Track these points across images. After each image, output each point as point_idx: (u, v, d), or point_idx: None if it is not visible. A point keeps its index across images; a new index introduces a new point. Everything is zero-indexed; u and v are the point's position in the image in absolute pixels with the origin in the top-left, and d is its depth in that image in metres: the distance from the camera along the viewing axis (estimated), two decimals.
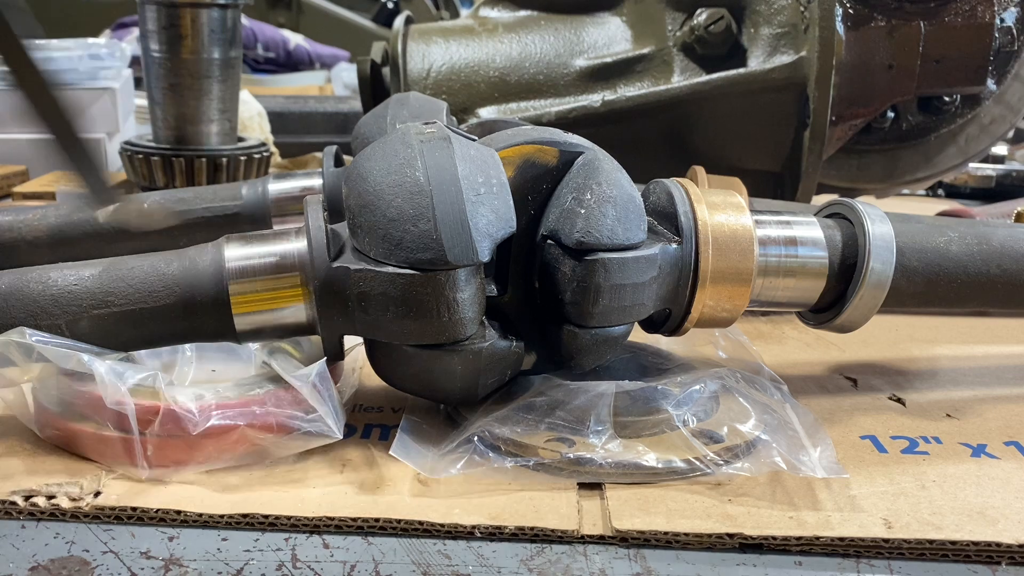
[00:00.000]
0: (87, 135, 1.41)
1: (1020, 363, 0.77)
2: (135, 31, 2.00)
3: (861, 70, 0.91)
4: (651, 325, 0.62)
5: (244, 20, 1.62)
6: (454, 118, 0.84)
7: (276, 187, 0.80)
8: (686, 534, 0.48)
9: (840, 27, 0.87)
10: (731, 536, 0.48)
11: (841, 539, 0.47)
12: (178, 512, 0.48)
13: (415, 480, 0.52)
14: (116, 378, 0.51)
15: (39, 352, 0.51)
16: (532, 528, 0.48)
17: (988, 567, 0.47)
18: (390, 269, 0.50)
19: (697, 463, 0.52)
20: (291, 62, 2.53)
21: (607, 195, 0.53)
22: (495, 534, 0.48)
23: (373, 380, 0.60)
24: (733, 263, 0.57)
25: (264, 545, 0.47)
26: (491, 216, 0.51)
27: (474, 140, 0.54)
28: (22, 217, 0.79)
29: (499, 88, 0.93)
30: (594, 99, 0.91)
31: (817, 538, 0.47)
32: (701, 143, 0.92)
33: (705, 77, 0.89)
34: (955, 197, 1.50)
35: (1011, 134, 1.28)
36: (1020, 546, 0.47)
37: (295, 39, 2.57)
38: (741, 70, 0.87)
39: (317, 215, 0.54)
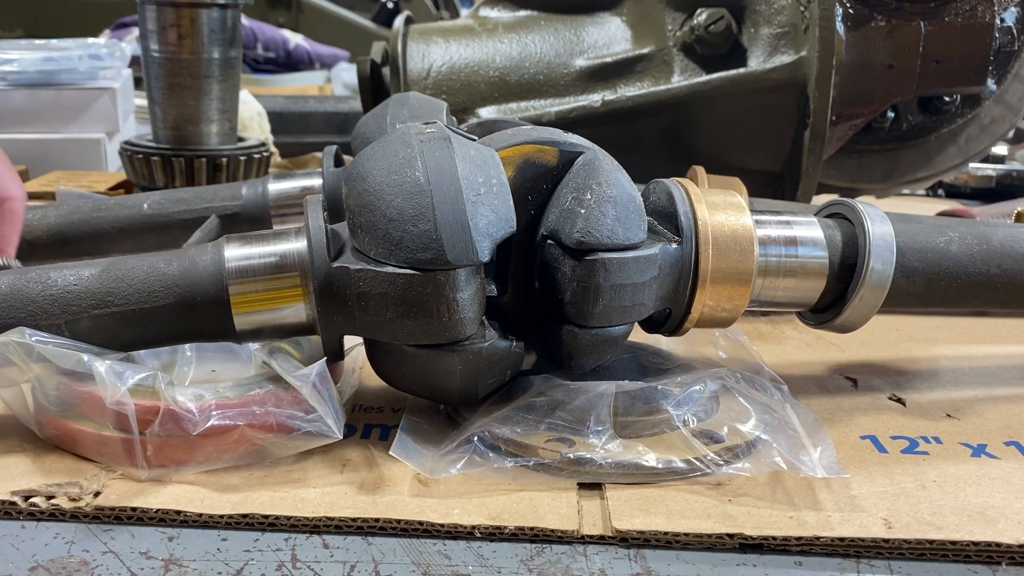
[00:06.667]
0: (87, 135, 1.41)
1: (1020, 363, 0.77)
2: (135, 31, 2.00)
3: (861, 70, 0.91)
4: (651, 325, 0.62)
5: (244, 20, 1.62)
6: (454, 118, 0.84)
7: (276, 187, 0.80)
8: (686, 534, 0.48)
9: (840, 27, 0.87)
10: (731, 536, 0.48)
11: (841, 539, 0.47)
12: (178, 512, 0.48)
13: (415, 480, 0.52)
14: (116, 378, 0.51)
15: (39, 352, 0.51)
16: (532, 528, 0.48)
17: (988, 567, 0.47)
18: (390, 269, 0.50)
19: (697, 463, 0.52)
20: (291, 62, 2.53)
21: (607, 195, 0.53)
22: (495, 534, 0.48)
23: (373, 380, 0.60)
24: (733, 263, 0.57)
25: (264, 545, 0.47)
26: (491, 216, 0.51)
27: (474, 140, 0.54)
28: None
29: (499, 88, 0.93)
30: (594, 99, 0.91)
31: (817, 538, 0.47)
32: (701, 143, 0.92)
33: (705, 77, 0.89)
34: (955, 197, 1.50)
35: (1011, 134, 1.28)
36: (1020, 546, 0.47)
37: (295, 39, 2.57)
38: (741, 70, 0.87)
39: (317, 215, 0.54)
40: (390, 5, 3.13)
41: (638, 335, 0.62)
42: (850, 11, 0.90)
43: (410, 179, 0.50)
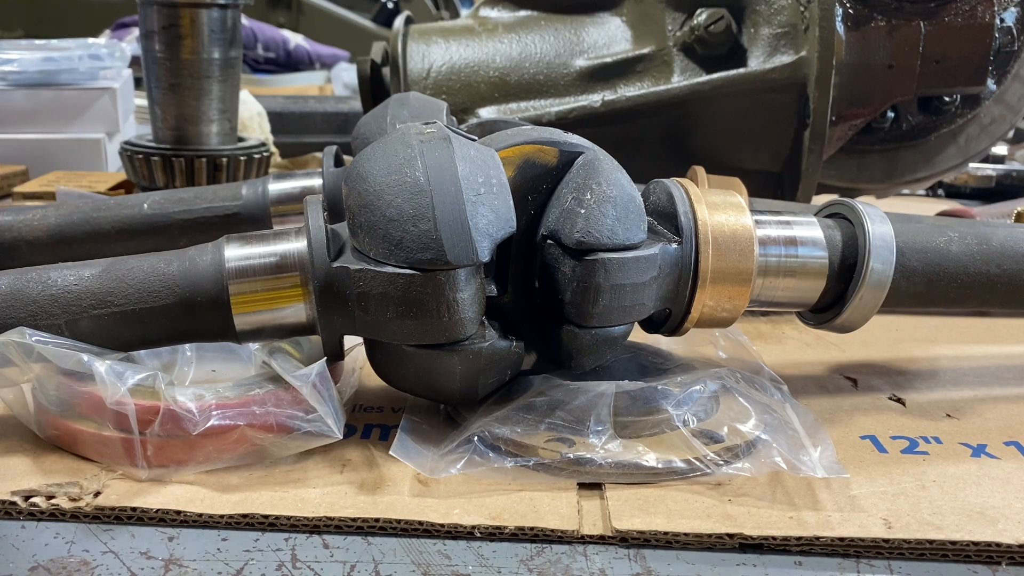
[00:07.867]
0: (87, 135, 1.41)
1: (1020, 363, 0.77)
2: (135, 31, 2.00)
3: (861, 70, 0.91)
4: (651, 325, 0.62)
5: (244, 20, 1.62)
6: (454, 118, 0.84)
7: (276, 187, 0.80)
8: (686, 534, 0.48)
9: (840, 27, 0.87)
10: (731, 536, 0.48)
11: (841, 539, 0.47)
12: (178, 512, 0.48)
13: (415, 480, 0.52)
14: (116, 378, 0.51)
15: (39, 352, 0.51)
16: (532, 528, 0.48)
17: (988, 567, 0.47)
18: (390, 269, 0.50)
19: (697, 463, 0.52)
20: (291, 62, 2.53)
21: (607, 195, 0.53)
22: (495, 534, 0.48)
23: (373, 380, 0.60)
24: (733, 263, 0.57)
25: (264, 545, 0.47)
26: (491, 216, 0.51)
27: (474, 140, 0.54)
28: (22, 217, 0.79)
29: (499, 88, 0.93)
30: (594, 99, 0.91)
31: (817, 538, 0.47)
32: (701, 143, 0.92)
33: (705, 77, 0.89)
34: (955, 197, 1.50)
35: (1011, 134, 1.28)
36: (1020, 546, 0.47)
37: (295, 39, 2.57)
38: (741, 70, 0.87)
39: (317, 215, 0.54)
40: (390, 5, 3.13)
41: (638, 335, 0.62)
42: (850, 11, 0.90)
43: (410, 179, 0.50)
